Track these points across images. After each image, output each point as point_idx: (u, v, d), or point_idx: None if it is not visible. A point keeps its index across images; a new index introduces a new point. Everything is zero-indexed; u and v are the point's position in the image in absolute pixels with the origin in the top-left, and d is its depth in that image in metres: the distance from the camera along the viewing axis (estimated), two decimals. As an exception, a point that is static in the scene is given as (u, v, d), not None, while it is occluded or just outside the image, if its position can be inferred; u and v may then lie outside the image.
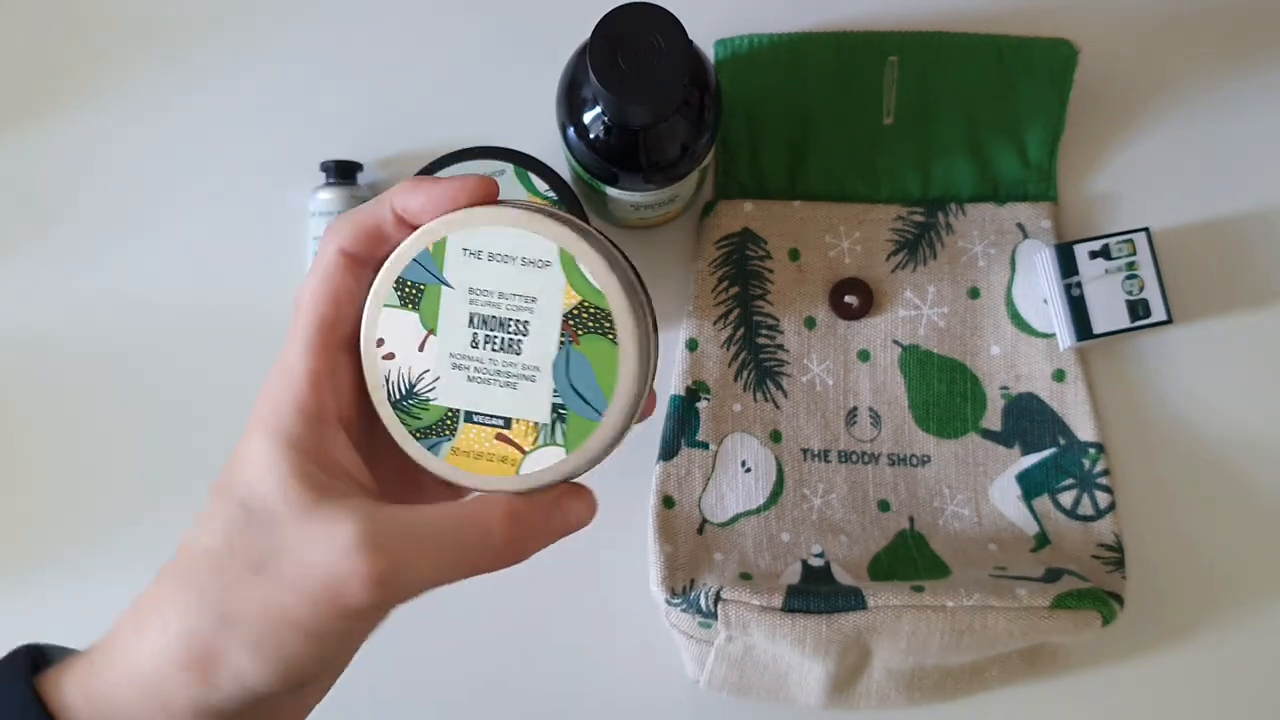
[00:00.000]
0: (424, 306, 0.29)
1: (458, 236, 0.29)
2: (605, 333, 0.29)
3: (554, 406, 0.29)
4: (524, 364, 0.29)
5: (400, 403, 0.30)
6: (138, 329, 0.55)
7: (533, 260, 0.29)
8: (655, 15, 0.40)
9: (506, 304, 0.29)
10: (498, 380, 0.30)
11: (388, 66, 0.56)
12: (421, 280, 0.29)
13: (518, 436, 0.30)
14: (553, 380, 0.29)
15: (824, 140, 0.53)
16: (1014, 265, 0.53)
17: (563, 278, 0.29)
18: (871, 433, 0.52)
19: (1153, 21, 0.55)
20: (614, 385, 0.29)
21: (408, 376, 0.30)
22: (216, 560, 0.28)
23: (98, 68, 0.56)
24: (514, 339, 0.29)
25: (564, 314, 0.29)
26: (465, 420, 0.30)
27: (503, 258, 0.29)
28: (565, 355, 0.29)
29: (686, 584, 0.49)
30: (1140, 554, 0.52)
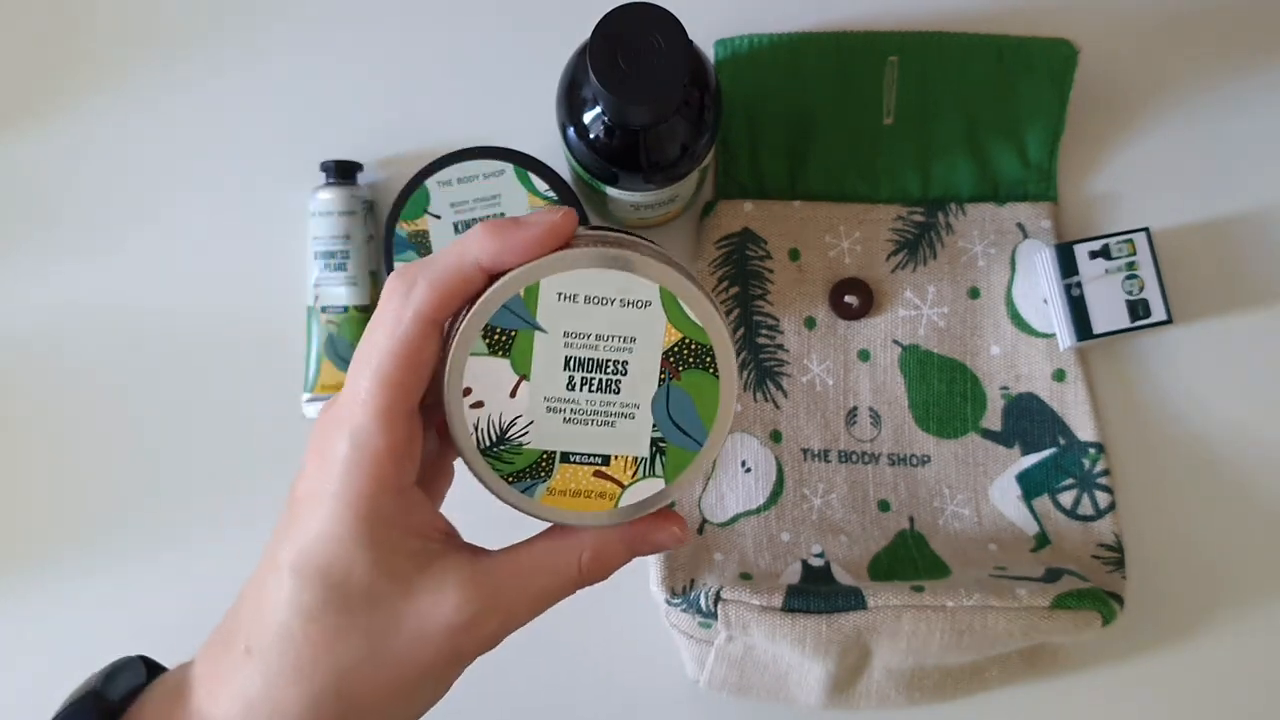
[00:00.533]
0: (515, 352, 0.29)
1: (551, 281, 0.28)
2: (706, 367, 0.29)
3: (653, 441, 0.30)
4: (623, 402, 0.29)
5: (490, 450, 0.29)
6: (138, 329, 0.55)
7: (632, 301, 0.29)
8: (655, 15, 0.40)
9: (604, 345, 0.29)
10: (596, 420, 0.29)
11: (388, 66, 0.56)
12: (512, 326, 0.28)
13: (616, 472, 0.30)
14: (652, 416, 0.29)
15: (824, 140, 0.53)
16: (1014, 265, 0.53)
17: (663, 316, 0.29)
18: (871, 433, 0.52)
19: (1153, 21, 0.55)
20: (714, 415, 0.29)
21: (498, 423, 0.29)
22: (324, 647, 0.28)
23: (98, 68, 0.56)
24: (613, 379, 0.29)
25: (665, 351, 0.29)
26: (562, 461, 0.30)
27: (600, 300, 0.28)
28: (666, 391, 0.29)
29: (686, 584, 0.49)
30: (1140, 554, 0.52)
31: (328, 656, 0.28)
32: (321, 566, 0.28)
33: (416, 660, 0.29)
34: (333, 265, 0.52)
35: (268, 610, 0.29)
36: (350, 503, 0.28)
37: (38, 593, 0.53)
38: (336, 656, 0.28)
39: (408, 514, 0.29)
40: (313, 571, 0.28)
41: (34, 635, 0.53)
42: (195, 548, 0.53)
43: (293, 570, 0.29)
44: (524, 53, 0.56)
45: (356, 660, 0.28)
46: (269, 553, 0.30)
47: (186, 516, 0.53)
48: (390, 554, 0.28)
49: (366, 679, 0.28)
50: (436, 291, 0.28)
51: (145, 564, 0.53)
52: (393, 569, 0.28)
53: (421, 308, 0.28)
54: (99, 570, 0.53)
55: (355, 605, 0.28)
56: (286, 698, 0.28)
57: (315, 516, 0.29)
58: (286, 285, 0.54)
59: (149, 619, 0.52)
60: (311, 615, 0.28)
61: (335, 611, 0.28)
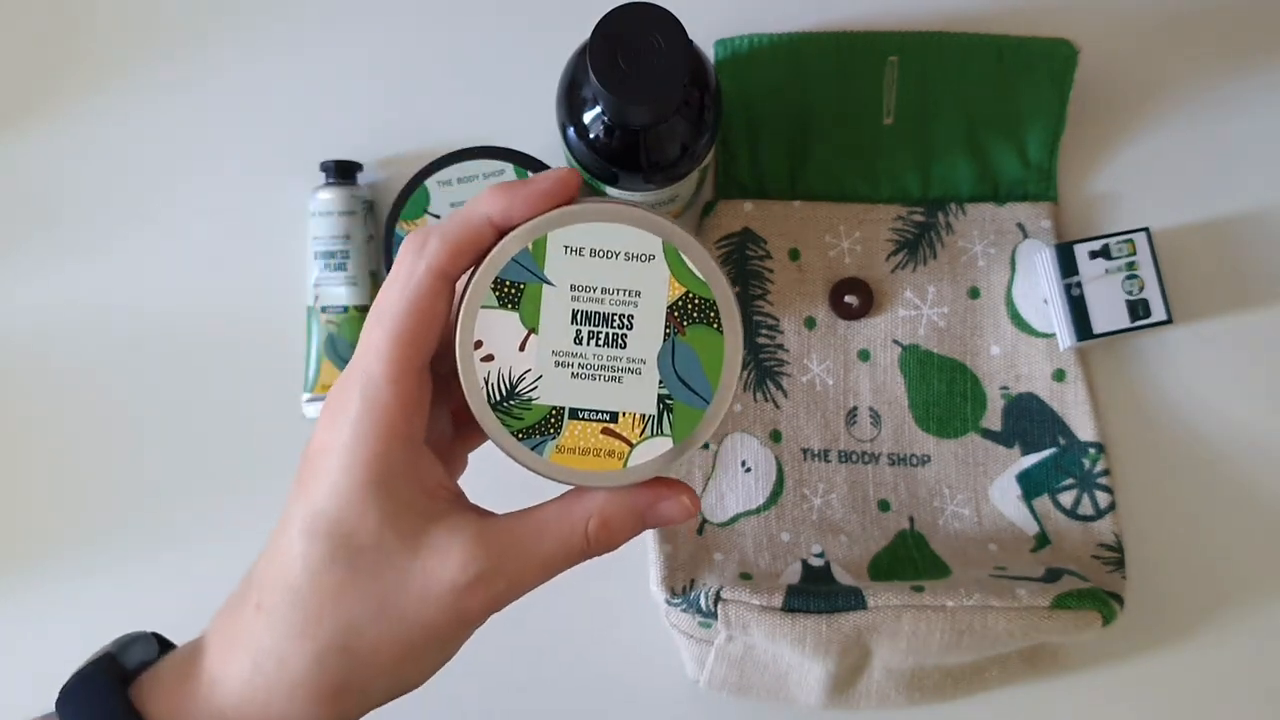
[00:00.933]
0: (524, 306, 0.29)
1: (559, 234, 0.29)
2: (710, 322, 0.29)
3: (661, 398, 0.30)
4: (629, 358, 0.29)
5: (500, 404, 0.29)
6: (138, 328, 0.55)
7: (637, 255, 0.29)
8: (655, 15, 0.40)
9: (610, 299, 0.29)
10: (603, 375, 0.30)
11: (388, 66, 0.56)
12: (521, 280, 0.29)
13: (624, 430, 0.30)
14: (659, 372, 0.30)
15: (824, 140, 0.53)
16: (1014, 265, 0.53)
17: (667, 270, 0.29)
18: (871, 432, 0.52)
19: (1153, 21, 0.55)
20: (720, 373, 0.30)
21: (508, 377, 0.29)
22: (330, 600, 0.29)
23: (98, 68, 0.56)
24: (618, 334, 0.29)
25: (668, 306, 0.29)
26: (570, 417, 0.30)
27: (605, 253, 0.29)
28: (671, 346, 0.30)
29: (686, 584, 0.49)
30: (1140, 554, 0.52)
31: (334, 611, 0.28)
32: (329, 521, 0.29)
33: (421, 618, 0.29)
34: (333, 265, 0.52)
35: (277, 567, 0.29)
36: (359, 456, 0.28)
37: (38, 593, 0.53)
38: (342, 612, 0.29)
39: (416, 470, 0.29)
40: (321, 526, 0.29)
41: (34, 635, 0.53)
42: (195, 547, 0.53)
43: (302, 526, 0.29)
44: (524, 53, 0.56)
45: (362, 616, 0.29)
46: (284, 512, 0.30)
47: (186, 516, 0.53)
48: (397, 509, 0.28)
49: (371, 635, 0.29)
50: (448, 245, 0.28)
51: (145, 564, 0.53)
52: (399, 524, 0.29)
53: (432, 261, 0.28)
54: (99, 570, 0.53)
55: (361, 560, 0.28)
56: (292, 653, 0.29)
57: (325, 471, 0.29)
58: (286, 285, 0.54)
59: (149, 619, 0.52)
60: (318, 570, 0.29)
61: (341, 566, 0.28)
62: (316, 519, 0.29)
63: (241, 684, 0.29)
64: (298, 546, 0.29)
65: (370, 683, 0.29)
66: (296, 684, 0.29)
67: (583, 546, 0.30)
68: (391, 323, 0.28)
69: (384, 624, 0.29)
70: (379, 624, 0.29)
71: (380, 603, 0.29)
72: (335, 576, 0.29)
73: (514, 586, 0.29)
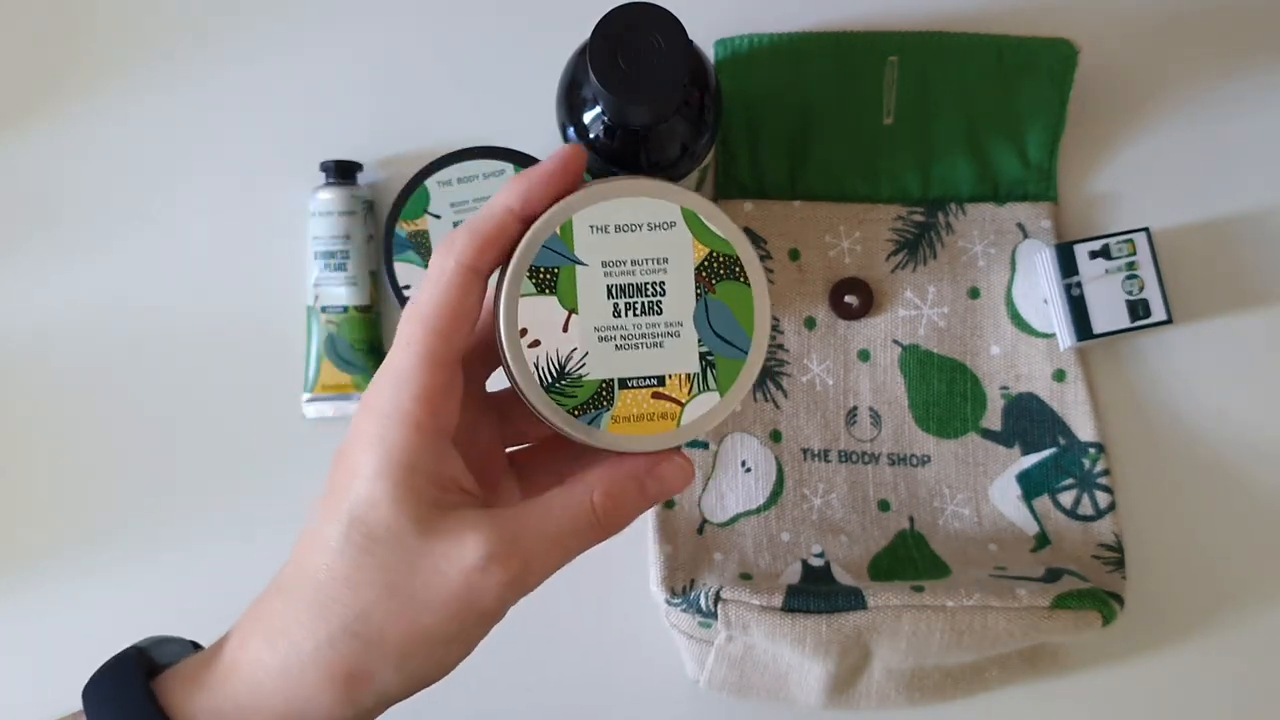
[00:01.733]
0: (561, 288, 0.30)
1: (582, 215, 0.30)
2: (737, 276, 0.31)
3: (702, 355, 0.31)
4: (666, 322, 0.31)
5: (553, 386, 0.31)
6: (138, 328, 0.55)
7: (658, 224, 0.31)
8: (655, 15, 0.40)
9: (640, 269, 0.31)
10: (645, 343, 0.31)
11: (388, 66, 0.56)
12: (554, 264, 0.30)
13: (673, 390, 0.31)
14: (696, 331, 0.31)
15: (824, 140, 0.53)
16: (1014, 265, 0.53)
17: (689, 234, 0.31)
18: (871, 432, 0.52)
19: (1153, 21, 0.55)
20: (752, 321, 0.31)
21: (557, 359, 0.31)
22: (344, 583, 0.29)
23: (98, 68, 0.56)
24: (653, 301, 0.31)
25: (696, 267, 0.31)
26: (620, 387, 0.31)
27: (629, 227, 0.31)
28: (704, 305, 0.31)
29: (686, 584, 0.49)
30: (1140, 554, 0.52)
31: (347, 593, 0.29)
32: (350, 506, 0.29)
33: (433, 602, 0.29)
34: (333, 265, 0.52)
35: (300, 553, 0.30)
36: (384, 443, 0.29)
37: (37, 593, 0.53)
38: (355, 594, 0.29)
39: (437, 464, 0.30)
40: (342, 511, 0.29)
41: (33, 635, 0.53)
42: (195, 547, 0.53)
43: (324, 514, 0.30)
44: (524, 53, 0.56)
45: (374, 599, 0.29)
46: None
47: (186, 516, 0.53)
48: (414, 497, 0.29)
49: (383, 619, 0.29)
50: (474, 240, 0.30)
51: (145, 564, 0.53)
52: (416, 511, 0.29)
53: (461, 257, 0.29)
54: (99, 570, 0.53)
55: (376, 545, 0.29)
56: (305, 634, 0.29)
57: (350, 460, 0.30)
58: (286, 285, 0.54)
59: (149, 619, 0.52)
60: (336, 552, 0.29)
61: (356, 550, 0.29)
62: (339, 503, 0.29)
63: (255, 666, 0.30)
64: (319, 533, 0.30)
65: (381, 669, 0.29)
66: (308, 665, 0.29)
67: (590, 519, 0.31)
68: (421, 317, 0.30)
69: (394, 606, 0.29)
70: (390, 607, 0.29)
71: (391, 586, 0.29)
72: (350, 560, 0.29)
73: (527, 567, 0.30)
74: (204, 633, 0.35)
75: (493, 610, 0.30)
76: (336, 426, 0.53)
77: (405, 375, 0.29)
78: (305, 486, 0.36)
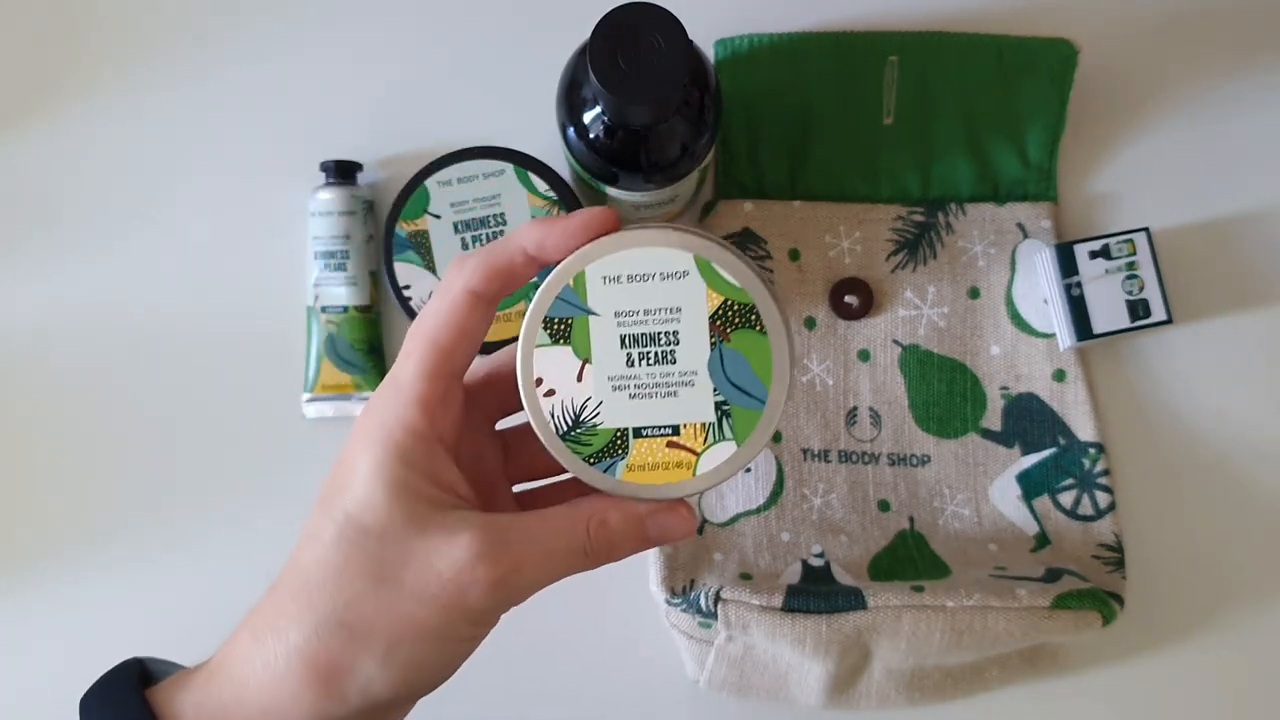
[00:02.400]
0: (575, 339, 0.31)
1: (595, 267, 0.31)
2: (753, 325, 0.31)
3: (717, 405, 0.31)
4: (681, 371, 0.31)
5: (569, 434, 0.31)
6: (138, 328, 0.55)
7: (671, 273, 0.31)
8: (655, 15, 0.40)
9: (653, 319, 0.31)
10: (659, 392, 0.31)
11: (388, 66, 0.56)
12: (568, 315, 0.31)
13: (688, 440, 0.31)
14: (711, 380, 0.31)
15: (824, 140, 0.53)
16: (1014, 265, 0.53)
17: (702, 283, 0.31)
18: (871, 433, 0.52)
19: (1153, 21, 0.55)
20: (770, 371, 0.31)
21: (572, 408, 0.31)
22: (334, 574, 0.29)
23: (98, 68, 0.56)
24: (667, 350, 0.31)
25: (710, 316, 0.31)
26: (635, 436, 0.31)
27: (641, 277, 0.31)
28: (719, 355, 0.31)
29: (686, 584, 0.49)
30: (1140, 554, 0.52)
31: (335, 585, 0.29)
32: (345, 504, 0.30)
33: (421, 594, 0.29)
34: (332, 265, 0.52)
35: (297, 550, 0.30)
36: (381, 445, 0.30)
37: (37, 593, 0.53)
38: (343, 585, 0.29)
39: (433, 466, 0.30)
40: (338, 509, 0.30)
41: (32, 635, 0.53)
42: (195, 548, 0.53)
43: (320, 510, 0.30)
44: (524, 52, 0.56)
45: (362, 589, 0.29)
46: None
47: (186, 516, 0.53)
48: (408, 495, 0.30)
49: (370, 609, 0.29)
50: (483, 267, 0.31)
51: (145, 564, 0.53)
52: (409, 509, 0.29)
53: (469, 281, 0.31)
54: (98, 571, 0.53)
55: (369, 537, 0.29)
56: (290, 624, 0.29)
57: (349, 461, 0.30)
58: (286, 285, 0.54)
59: (148, 619, 0.52)
60: (329, 547, 0.29)
61: (349, 543, 0.29)
62: (335, 501, 0.30)
63: (242, 661, 0.30)
64: (314, 530, 0.30)
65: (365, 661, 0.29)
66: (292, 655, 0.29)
67: (583, 541, 0.31)
68: (424, 331, 0.31)
69: (381, 596, 0.29)
70: (376, 597, 0.29)
71: (380, 577, 0.29)
72: (341, 554, 0.29)
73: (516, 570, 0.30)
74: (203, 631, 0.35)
75: (479, 609, 0.30)
76: (336, 426, 0.53)
77: (404, 384, 0.30)
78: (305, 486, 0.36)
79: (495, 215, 0.48)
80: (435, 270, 0.47)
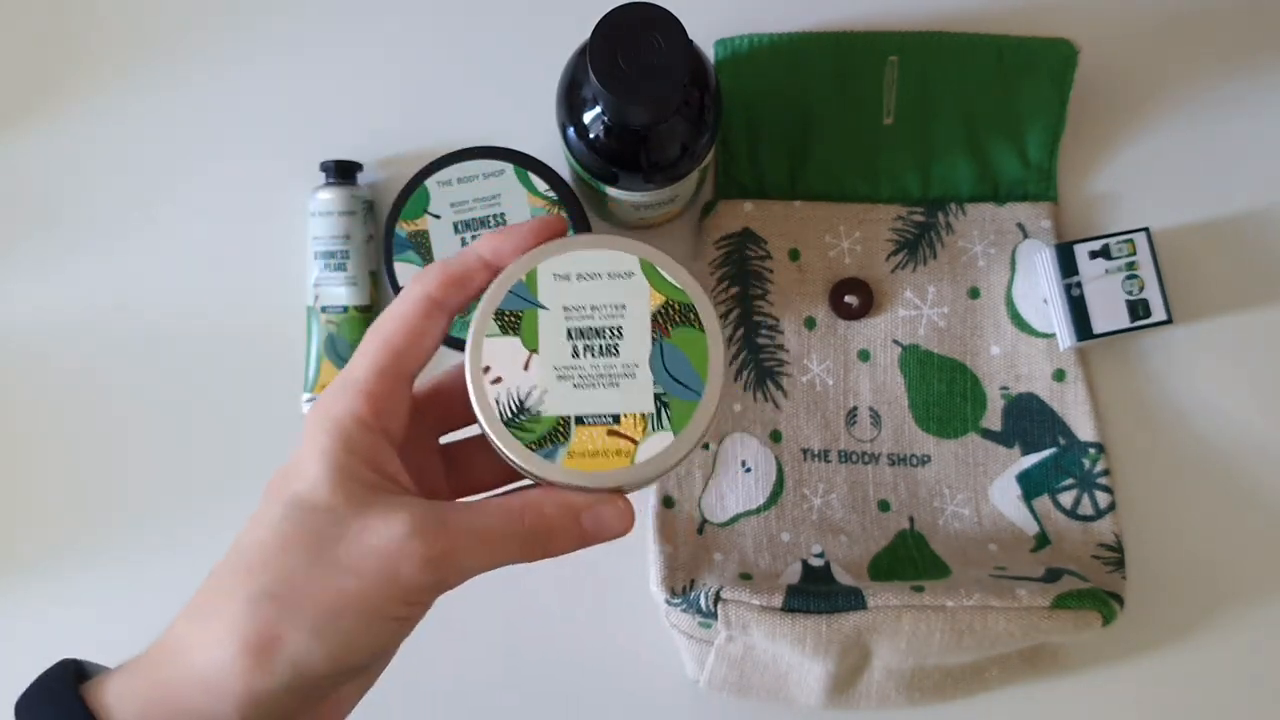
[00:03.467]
0: (524, 330, 0.33)
1: (547, 265, 0.33)
2: (692, 323, 0.33)
3: (656, 396, 0.33)
4: (623, 363, 0.33)
5: (513, 420, 0.32)
6: (138, 327, 0.55)
7: (618, 273, 0.33)
8: (655, 15, 0.40)
9: (599, 314, 0.33)
10: (602, 382, 0.33)
11: (388, 66, 0.56)
12: (518, 309, 0.33)
13: (628, 429, 0.33)
14: (651, 373, 0.33)
15: (824, 140, 0.53)
16: (1014, 265, 0.53)
17: (646, 283, 0.33)
18: (871, 433, 0.52)
19: (1153, 21, 0.55)
20: (706, 366, 0.33)
21: (516, 395, 0.32)
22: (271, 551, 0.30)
23: (98, 68, 0.56)
24: (611, 344, 0.33)
25: (652, 314, 0.33)
26: (576, 423, 0.33)
27: (590, 276, 0.33)
28: (660, 349, 0.33)
29: (686, 584, 0.49)
30: (1140, 554, 0.52)
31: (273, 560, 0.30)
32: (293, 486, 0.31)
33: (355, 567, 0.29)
34: (332, 265, 0.52)
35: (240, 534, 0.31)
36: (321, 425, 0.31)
37: (35, 593, 0.53)
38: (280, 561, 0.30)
39: (377, 456, 0.31)
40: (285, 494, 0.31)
41: (32, 636, 0.53)
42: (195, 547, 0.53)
43: (268, 495, 0.31)
44: (524, 53, 0.56)
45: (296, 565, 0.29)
46: None
47: (185, 516, 0.53)
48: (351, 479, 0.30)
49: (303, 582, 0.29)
50: (440, 274, 0.32)
51: (143, 564, 0.53)
52: (350, 491, 0.30)
53: (427, 286, 0.32)
54: (96, 570, 0.53)
55: (309, 516, 0.30)
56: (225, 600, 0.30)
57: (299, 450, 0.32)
58: (286, 285, 0.54)
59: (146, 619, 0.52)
60: (270, 527, 0.30)
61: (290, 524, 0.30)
62: (281, 491, 0.31)
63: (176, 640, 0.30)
64: (261, 514, 0.31)
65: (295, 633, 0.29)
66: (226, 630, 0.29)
67: (518, 527, 0.31)
68: (379, 331, 0.32)
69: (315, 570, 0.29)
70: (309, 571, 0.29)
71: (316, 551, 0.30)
72: (282, 532, 0.30)
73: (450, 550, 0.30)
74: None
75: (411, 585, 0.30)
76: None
77: (355, 379, 0.31)
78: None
79: (495, 215, 0.48)
80: (435, 270, 0.47)
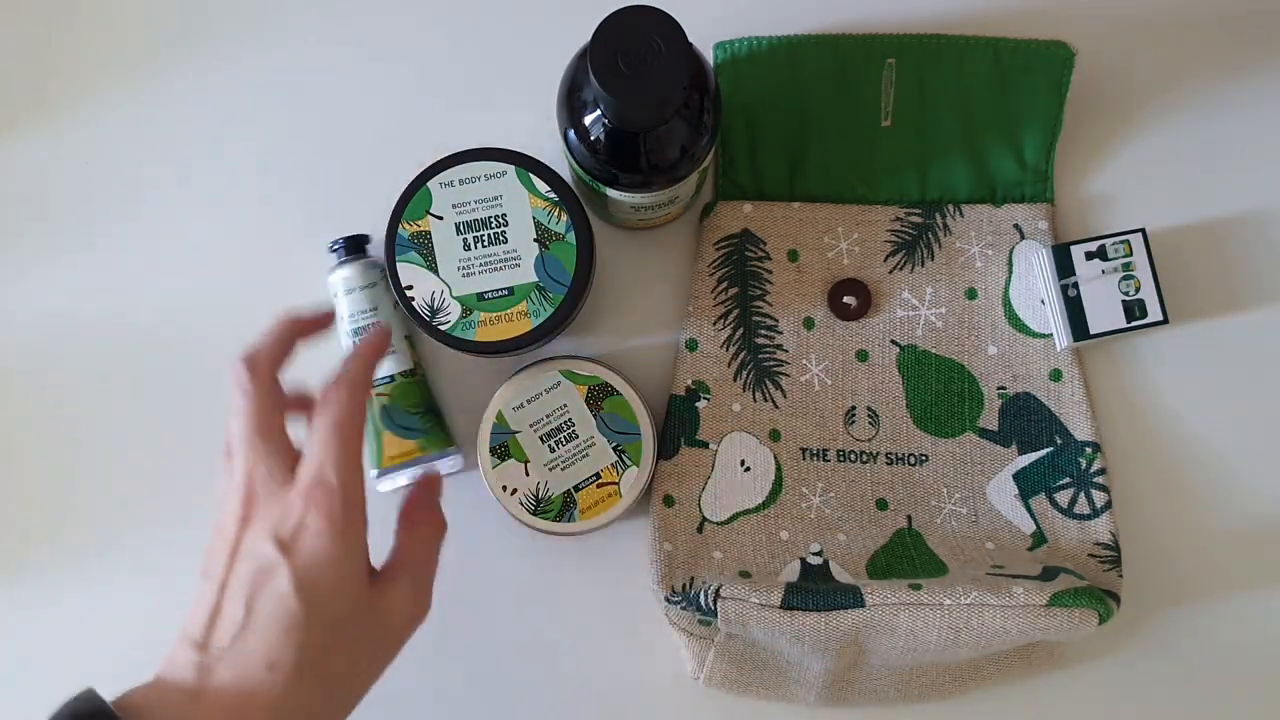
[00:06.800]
0: (513, 452, 0.49)
1: (505, 400, 0.50)
2: (613, 393, 0.50)
3: (615, 449, 0.49)
4: (583, 440, 0.49)
5: (537, 510, 0.49)
6: (138, 328, 0.55)
7: (551, 386, 0.50)
8: (655, 18, 0.41)
9: (554, 417, 0.49)
10: (577, 458, 0.49)
11: (389, 66, 0.56)
12: (503, 440, 0.49)
13: (607, 477, 0.49)
14: (603, 436, 0.49)
15: (822, 142, 0.54)
16: (1011, 266, 0.53)
17: (572, 384, 0.49)
18: (869, 432, 0.53)
19: (1151, 22, 0.56)
20: (634, 416, 0.50)
21: (532, 494, 0.49)
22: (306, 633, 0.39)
23: (98, 68, 0.56)
24: (571, 432, 0.49)
25: (584, 400, 0.49)
26: (576, 490, 0.49)
27: (536, 395, 0.50)
28: (601, 419, 0.49)
29: (686, 582, 0.49)
30: (1136, 553, 0.52)
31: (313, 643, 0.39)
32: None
33: (385, 641, 0.42)
34: None
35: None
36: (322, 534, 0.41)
37: (35, 595, 0.53)
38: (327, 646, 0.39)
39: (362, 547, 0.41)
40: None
41: (31, 636, 0.53)
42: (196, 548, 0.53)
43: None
44: (525, 55, 0.56)
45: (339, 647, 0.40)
46: None
47: (185, 517, 0.54)
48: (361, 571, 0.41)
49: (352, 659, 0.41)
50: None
51: (144, 569, 0.53)
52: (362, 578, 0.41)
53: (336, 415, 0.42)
54: (97, 575, 0.53)
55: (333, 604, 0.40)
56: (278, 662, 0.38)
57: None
58: (287, 284, 0.54)
59: (148, 624, 0.52)
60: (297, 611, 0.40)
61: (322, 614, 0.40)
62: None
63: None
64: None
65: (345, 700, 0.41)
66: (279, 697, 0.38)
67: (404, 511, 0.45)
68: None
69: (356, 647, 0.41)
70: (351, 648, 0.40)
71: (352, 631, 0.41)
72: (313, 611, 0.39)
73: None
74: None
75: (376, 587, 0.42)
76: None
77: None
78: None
79: (497, 216, 0.48)
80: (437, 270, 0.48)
